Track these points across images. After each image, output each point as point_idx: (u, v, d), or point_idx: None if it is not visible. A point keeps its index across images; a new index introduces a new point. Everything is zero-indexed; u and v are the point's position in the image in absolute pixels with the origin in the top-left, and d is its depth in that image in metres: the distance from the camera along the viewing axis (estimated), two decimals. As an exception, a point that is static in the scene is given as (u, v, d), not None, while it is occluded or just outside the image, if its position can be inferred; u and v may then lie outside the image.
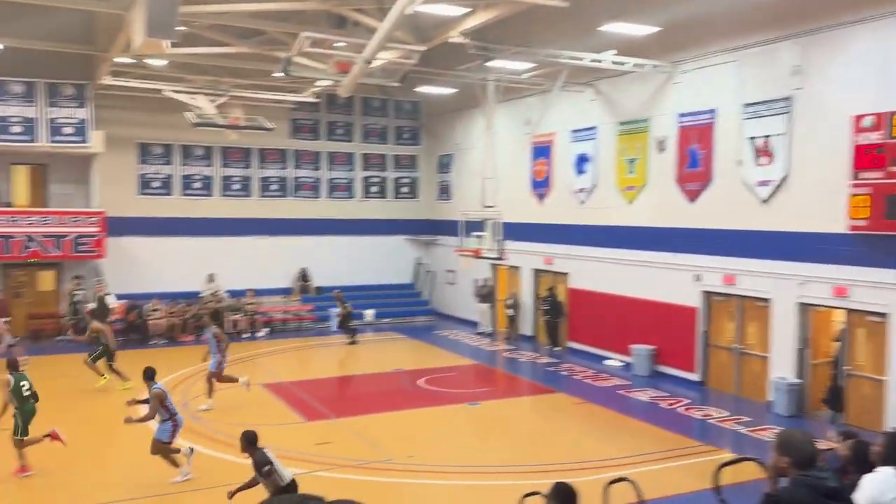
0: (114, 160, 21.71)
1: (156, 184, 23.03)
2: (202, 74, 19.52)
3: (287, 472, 7.58)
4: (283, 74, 13.96)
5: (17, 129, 19.64)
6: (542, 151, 20.70)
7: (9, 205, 20.80)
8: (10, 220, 19.99)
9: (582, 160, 19.15)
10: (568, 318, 19.80)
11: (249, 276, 23.35)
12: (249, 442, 7.66)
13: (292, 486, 7.37)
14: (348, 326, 21.25)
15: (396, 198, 26.54)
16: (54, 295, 21.65)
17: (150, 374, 10.23)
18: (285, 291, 24.44)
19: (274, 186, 24.62)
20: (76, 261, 21.41)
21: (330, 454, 11.22)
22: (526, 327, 21.45)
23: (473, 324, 23.23)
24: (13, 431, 10.18)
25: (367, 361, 19.28)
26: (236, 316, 22.07)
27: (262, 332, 22.38)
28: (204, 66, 19.03)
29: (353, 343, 20.76)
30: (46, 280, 22.04)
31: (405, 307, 25.46)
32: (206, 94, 19.38)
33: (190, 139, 22.92)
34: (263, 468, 7.28)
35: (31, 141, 19.81)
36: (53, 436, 10.30)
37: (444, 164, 25.79)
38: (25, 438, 10.17)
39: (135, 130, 22.50)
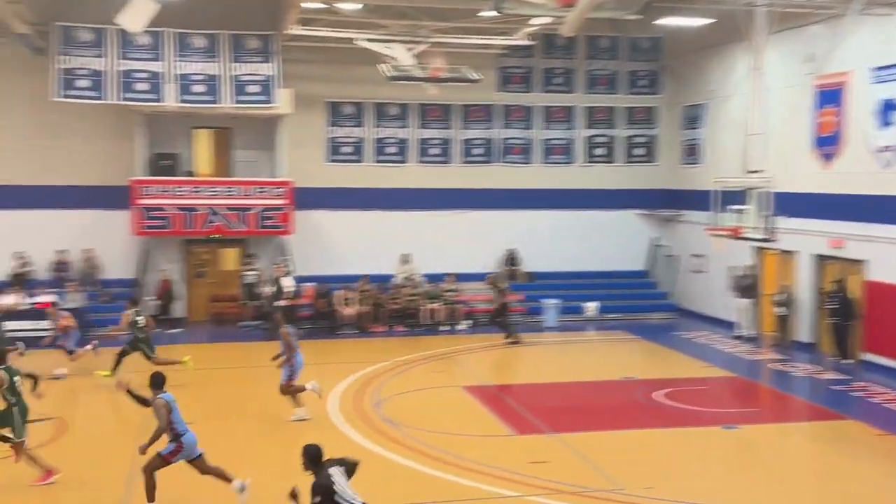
0: (301, 122, 22.98)
1: (346, 149, 24.09)
2: (399, 18, 19.98)
3: (353, 495, 7.04)
4: (494, 13, 13.71)
5: (199, 88, 21.38)
6: (829, 97, 18.93)
7: (191, 174, 22.75)
8: (193, 191, 21.86)
9: (889, 108, 17.31)
10: (863, 320, 18.08)
11: (449, 257, 23.71)
12: (312, 460, 7.27)
13: None
14: (504, 321, 20.94)
15: (628, 162, 25.69)
16: (237, 275, 23.38)
17: (157, 382, 9.81)
18: (490, 277, 24.57)
19: (478, 150, 24.80)
20: (261, 237, 23.00)
21: (545, 476, 10.99)
22: (802, 331, 19.91)
23: (729, 325, 21.89)
24: (14, 434, 10.41)
25: (589, 366, 18.92)
26: (434, 305, 22.50)
27: (463, 325, 22.64)
28: (401, 7, 19.42)
29: (514, 342, 20.45)
30: (229, 258, 23.93)
31: (637, 300, 24.72)
32: (403, 42, 19.82)
33: (384, 96, 23.70)
34: (315, 498, 6.85)
35: (214, 101, 21.47)
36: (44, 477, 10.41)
37: (693, 118, 24.44)
38: (26, 441, 10.49)
39: (323, 87, 23.65)
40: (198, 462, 9.83)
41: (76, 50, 20.49)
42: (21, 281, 21.09)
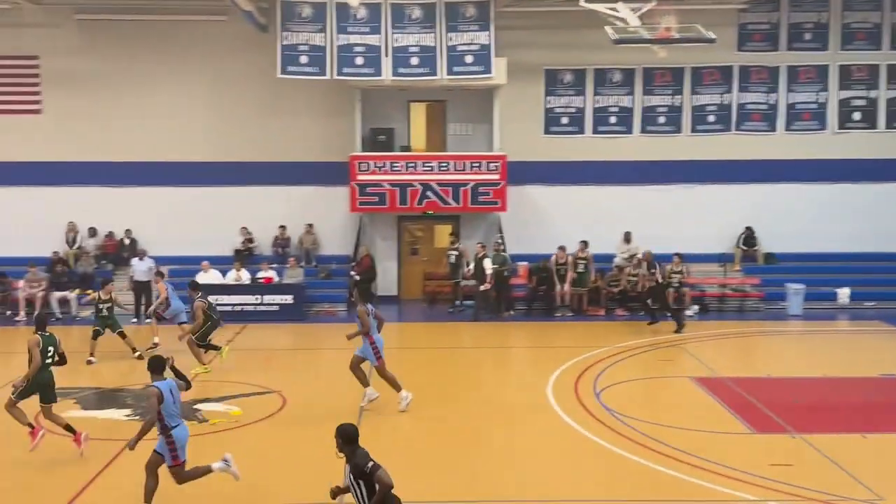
0: (516, 93, 22.94)
1: (564, 120, 23.85)
2: (624, -25, 19.36)
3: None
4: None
5: (414, 60, 21.88)
6: None
7: (407, 149, 23.41)
8: (408, 167, 22.48)
9: None
10: None
11: (675, 237, 22.89)
12: (347, 440, 7.19)
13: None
14: (666, 305, 19.86)
15: (889, 128, 23.74)
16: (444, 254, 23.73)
17: (154, 366, 9.25)
18: (722, 258, 23.51)
19: (711, 118, 23.84)
20: (474, 213, 23.30)
21: (790, 480, 10.26)
22: None
23: None
24: (13, 392, 11.00)
25: (839, 360, 17.59)
26: (658, 287, 21.80)
27: (691, 311, 21.80)
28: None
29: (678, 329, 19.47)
30: (443, 236, 24.42)
31: (897, 287, 22.83)
32: (628, 2, 19.19)
33: (606, 61, 23.27)
34: (368, 464, 6.92)
35: (430, 74, 21.90)
36: (34, 433, 10.92)
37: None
38: (18, 402, 10.98)
39: (540, 55, 23.48)
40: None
41: (297, 26, 21.58)
42: (244, 256, 22.70)
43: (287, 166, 23.27)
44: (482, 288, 21.04)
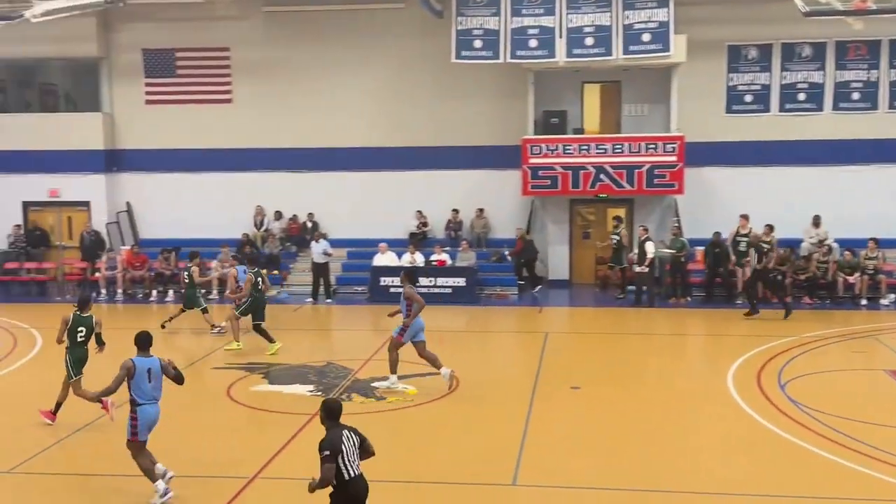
0: (695, 71, 22.11)
1: (748, 98, 22.82)
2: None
3: (356, 465, 7.06)
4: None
5: (589, 41, 21.52)
6: None
7: (580, 131, 23.11)
8: (581, 149, 22.19)
9: None
10: None
11: (869, 220, 21.51)
12: (330, 415, 7.21)
13: (356, 484, 7.03)
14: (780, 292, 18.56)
15: None
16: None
17: (140, 342, 9.29)
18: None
19: (912, 94, 22.11)
20: (649, 196, 22.75)
21: None
22: None
23: None
24: (66, 375, 11.54)
25: None
26: (853, 276, 20.49)
27: (888, 300, 20.42)
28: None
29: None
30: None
31: None
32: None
33: (794, 35, 22.12)
34: (324, 453, 6.93)
35: (605, 54, 21.48)
36: (104, 405, 11.22)
37: None
38: (73, 381, 11.48)
39: (723, 30, 22.57)
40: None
41: (472, 10, 21.69)
42: (418, 239, 23.19)
43: (460, 150, 23.52)
44: (637, 270, 20.54)
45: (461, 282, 21.70)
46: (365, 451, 7.21)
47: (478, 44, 21.69)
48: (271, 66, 23.92)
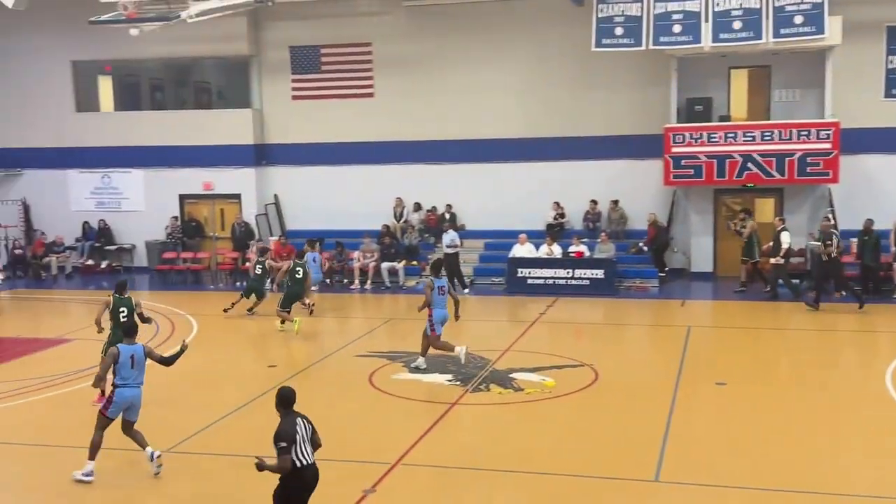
0: (852, 53, 20.97)
1: (906, 81, 21.51)
2: None
3: (309, 453, 7.26)
4: None
5: (737, 24, 20.71)
6: None
7: (727, 118, 22.32)
8: (727, 137, 21.45)
9: None
10: None
11: None
12: (283, 403, 7.37)
13: (308, 473, 7.21)
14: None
15: None
16: (769, 228, 22.31)
17: (126, 330, 10.16)
18: None
19: None
20: (800, 186, 21.78)
21: None
22: None
23: None
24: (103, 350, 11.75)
25: None
26: None
27: None
28: None
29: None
30: (765, 210, 22.99)
31: None
32: None
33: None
34: (280, 444, 7.07)
35: (754, 38, 20.62)
36: (99, 399, 11.28)
37: None
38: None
39: (881, 10, 21.30)
40: (126, 423, 9.84)
41: (613, -3, 21.38)
42: (555, 231, 23.01)
43: (599, 140, 23.16)
44: (773, 261, 19.79)
45: (599, 273, 21.41)
46: (313, 442, 7.38)
47: (619, 31, 21.28)
48: (411, 60, 24.25)
